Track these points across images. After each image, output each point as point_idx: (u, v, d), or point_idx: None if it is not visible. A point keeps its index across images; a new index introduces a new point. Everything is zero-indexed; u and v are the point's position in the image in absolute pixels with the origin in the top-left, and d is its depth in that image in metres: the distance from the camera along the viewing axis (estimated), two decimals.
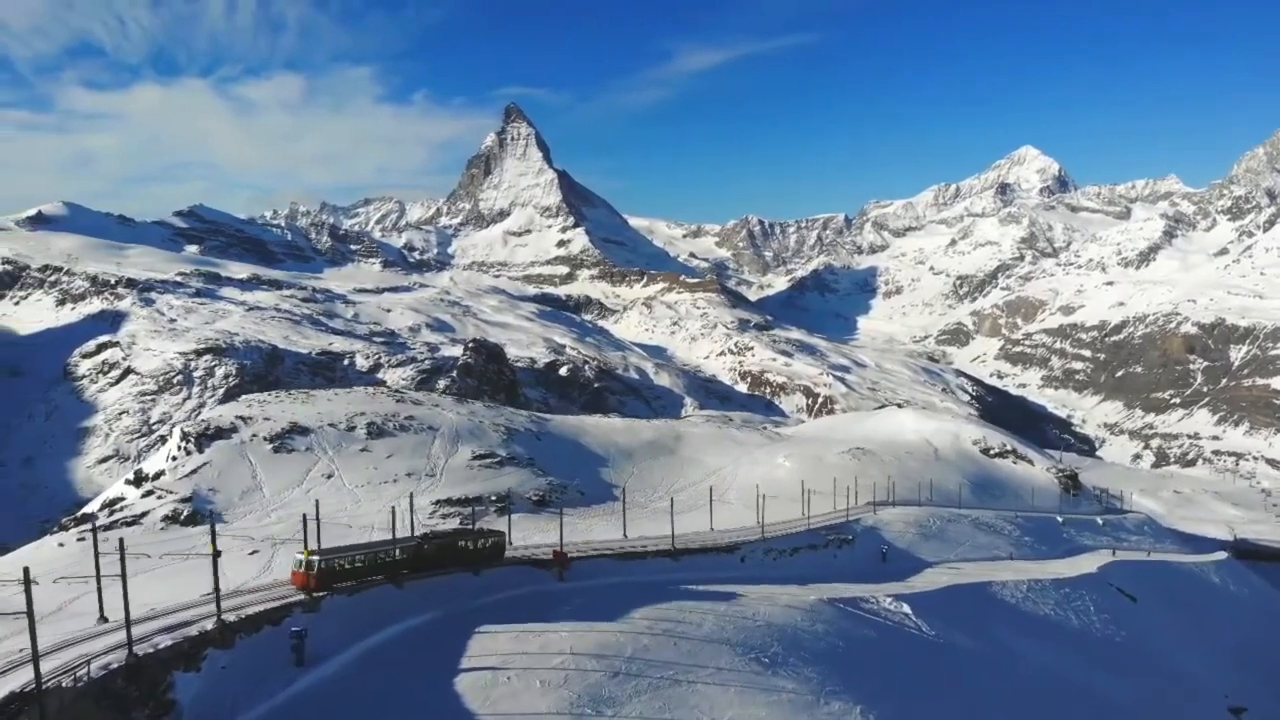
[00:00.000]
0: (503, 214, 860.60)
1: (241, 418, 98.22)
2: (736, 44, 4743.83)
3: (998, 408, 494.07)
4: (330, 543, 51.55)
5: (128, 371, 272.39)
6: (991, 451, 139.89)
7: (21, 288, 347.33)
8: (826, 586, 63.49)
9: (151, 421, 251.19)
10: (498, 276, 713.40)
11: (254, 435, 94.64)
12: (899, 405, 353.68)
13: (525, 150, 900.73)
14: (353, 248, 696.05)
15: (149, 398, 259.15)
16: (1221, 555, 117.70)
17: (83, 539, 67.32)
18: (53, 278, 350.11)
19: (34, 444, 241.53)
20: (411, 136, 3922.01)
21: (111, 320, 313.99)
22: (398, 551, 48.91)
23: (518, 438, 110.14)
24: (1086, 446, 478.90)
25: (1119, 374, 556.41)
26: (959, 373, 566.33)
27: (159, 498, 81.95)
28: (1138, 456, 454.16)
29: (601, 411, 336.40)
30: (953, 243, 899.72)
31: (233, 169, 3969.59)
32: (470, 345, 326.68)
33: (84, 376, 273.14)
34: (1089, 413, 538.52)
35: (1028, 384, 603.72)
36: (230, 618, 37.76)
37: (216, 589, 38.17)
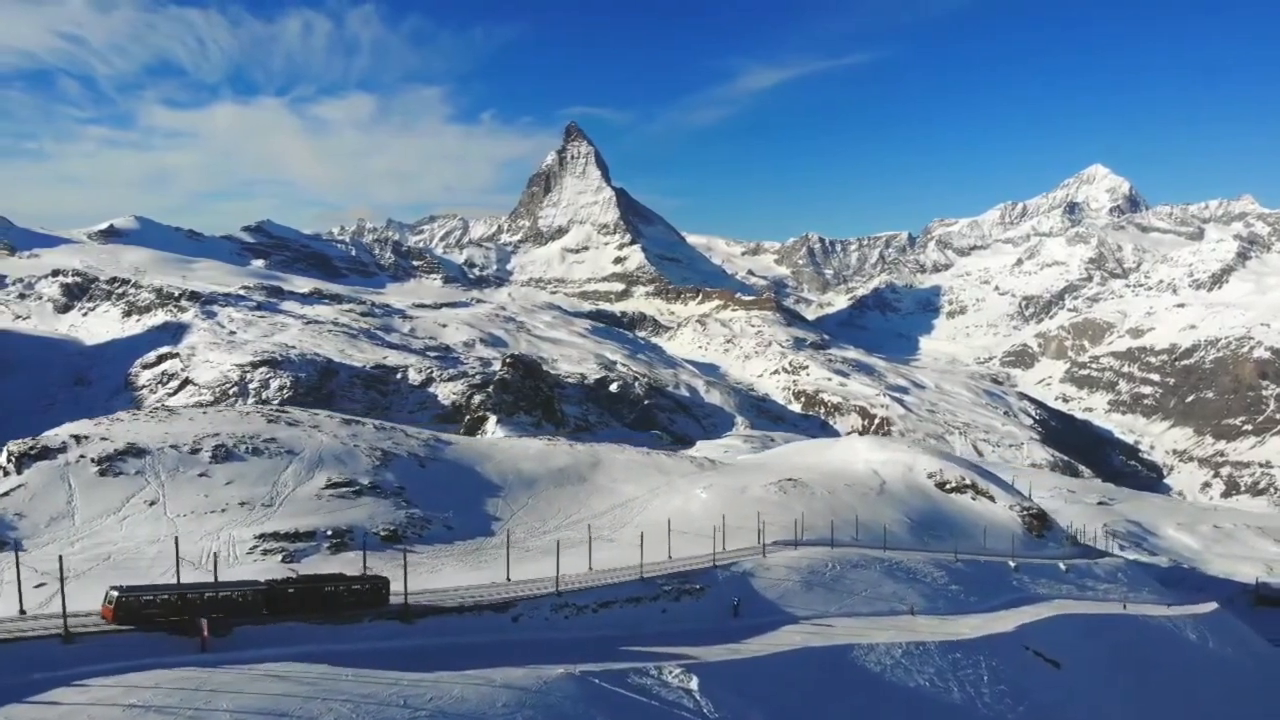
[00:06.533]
0: (561, 231, 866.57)
1: (76, 436, 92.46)
2: (799, 62, 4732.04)
3: (1062, 432, 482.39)
4: (125, 580, 47.47)
5: (186, 382, 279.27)
6: (947, 485, 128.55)
7: (90, 299, 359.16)
8: (620, 650, 51.27)
9: None
10: (554, 293, 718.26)
11: (81, 456, 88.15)
12: (859, 433, 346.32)
13: (584, 168, 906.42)
14: (415, 264, 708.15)
15: (205, 409, 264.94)
16: (1210, 606, 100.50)
17: None
18: (120, 290, 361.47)
19: None
20: (479, 155, 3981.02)
21: (174, 332, 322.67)
22: (249, 593, 44.37)
23: (394, 464, 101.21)
24: (1154, 474, 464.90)
25: (1189, 399, 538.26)
26: (1022, 395, 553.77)
27: None
28: (1207, 485, 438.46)
29: (649, 429, 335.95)
30: (1019, 262, 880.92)
31: (303, 185, 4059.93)
32: (508, 360, 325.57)
33: (144, 386, 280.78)
34: (1157, 439, 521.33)
35: (1094, 408, 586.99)
36: None
37: None
